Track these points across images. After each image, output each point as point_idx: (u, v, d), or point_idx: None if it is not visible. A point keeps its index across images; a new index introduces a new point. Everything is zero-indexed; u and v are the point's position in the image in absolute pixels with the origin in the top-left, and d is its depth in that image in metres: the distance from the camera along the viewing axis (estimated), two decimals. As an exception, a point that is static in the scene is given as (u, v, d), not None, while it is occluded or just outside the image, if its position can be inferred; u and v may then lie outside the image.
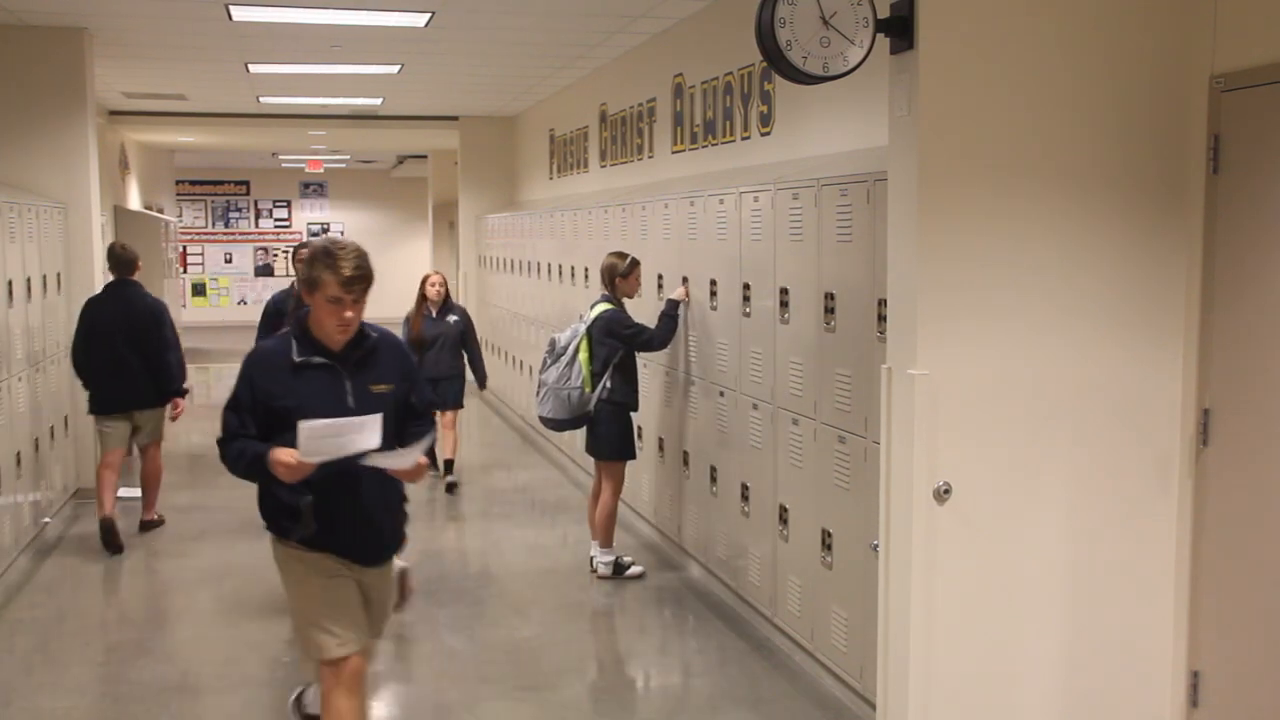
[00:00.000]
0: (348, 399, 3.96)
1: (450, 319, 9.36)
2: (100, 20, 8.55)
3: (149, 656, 5.95)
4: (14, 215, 7.33)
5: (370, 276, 3.94)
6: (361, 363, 4.04)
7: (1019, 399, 4.05)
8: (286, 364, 3.94)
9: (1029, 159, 3.99)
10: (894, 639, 4.10)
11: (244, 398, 3.96)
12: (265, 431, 3.93)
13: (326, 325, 3.93)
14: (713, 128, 7.67)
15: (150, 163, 18.01)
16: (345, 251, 3.87)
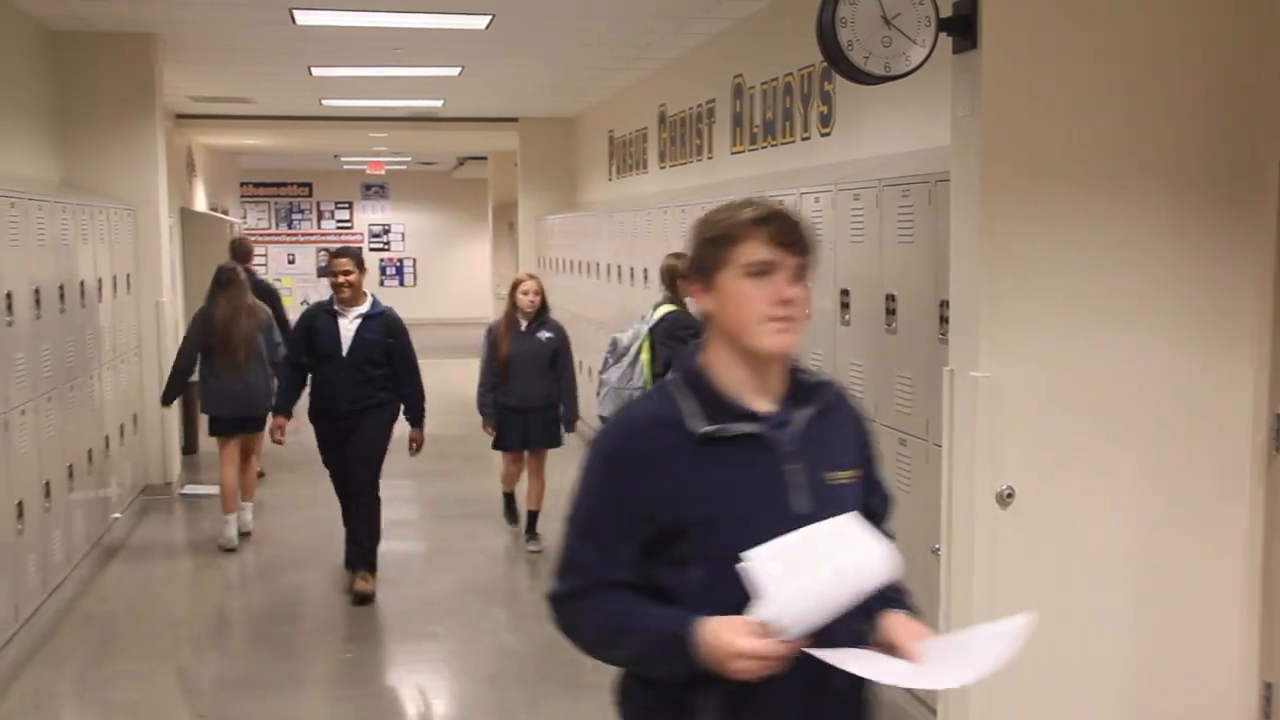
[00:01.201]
0: (797, 498, 2.15)
1: (543, 335, 7.60)
2: (169, 26, 8.70)
3: (214, 652, 6.05)
4: (86, 217, 7.47)
5: (814, 244, 2.21)
6: (808, 426, 2.20)
7: (1084, 402, 4.00)
8: (682, 441, 2.11)
9: (1095, 159, 3.94)
10: (955, 644, 4.06)
11: (607, 512, 2.16)
12: (643, 569, 2.14)
13: (750, 323, 2.13)
14: (772, 128, 7.65)
15: (216, 165, 18.29)
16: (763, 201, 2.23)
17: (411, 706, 5.50)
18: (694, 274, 2.23)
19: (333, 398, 6.73)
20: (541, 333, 7.60)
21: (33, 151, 8.07)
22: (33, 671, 5.66)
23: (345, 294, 6.72)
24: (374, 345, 6.72)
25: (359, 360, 6.68)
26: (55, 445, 6.52)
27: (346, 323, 6.73)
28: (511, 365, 7.52)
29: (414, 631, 6.27)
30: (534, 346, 7.56)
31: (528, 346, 7.54)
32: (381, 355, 6.75)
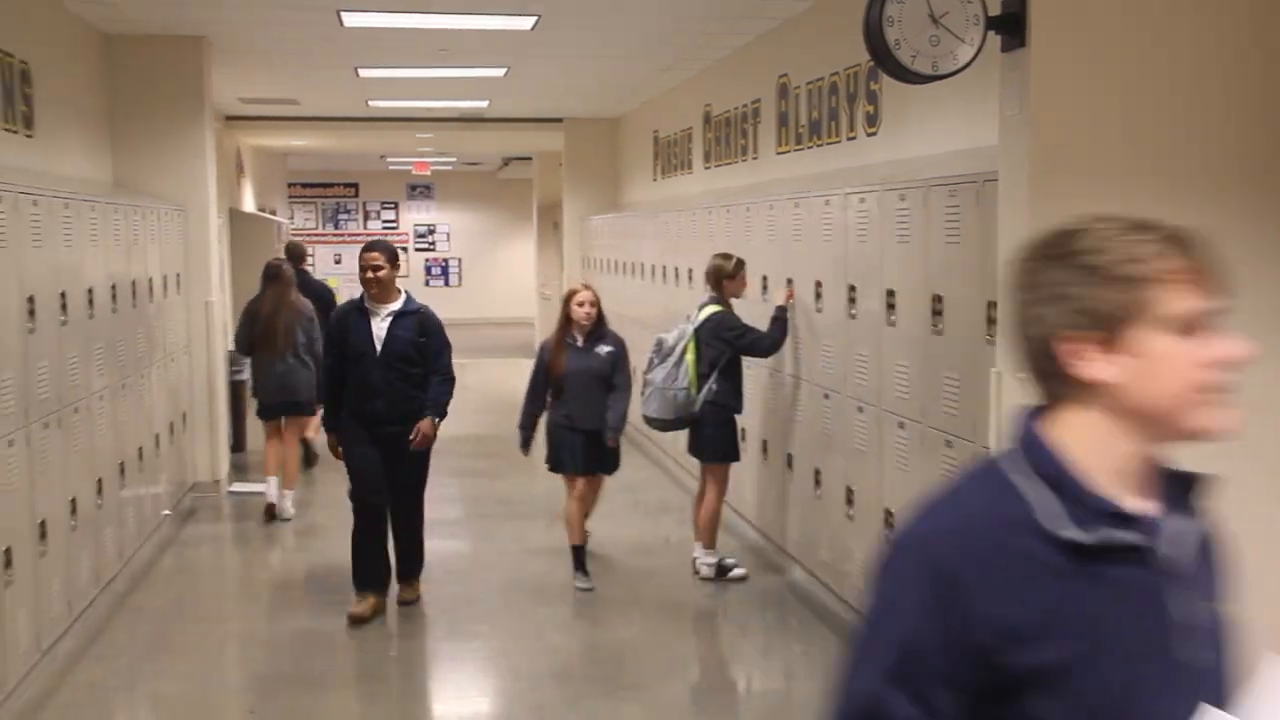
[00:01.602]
0: (1189, 640, 1.57)
1: (601, 350, 6.87)
2: (219, 29, 8.79)
3: (263, 647, 6.11)
4: (138, 218, 7.57)
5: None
6: (1202, 540, 1.65)
7: (1134, 404, 3.95)
8: (1040, 551, 1.52)
9: (1147, 158, 3.90)
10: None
11: (933, 649, 1.52)
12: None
13: (1182, 397, 1.60)
14: (818, 128, 7.62)
15: (264, 166, 18.47)
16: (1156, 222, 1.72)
17: (455, 705, 5.53)
18: (1085, 325, 1.56)
19: (369, 399, 6.33)
20: (600, 347, 6.88)
21: (86, 153, 8.18)
22: (86, 664, 5.74)
23: (374, 290, 6.34)
24: (407, 344, 6.36)
25: (393, 359, 6.32)
26: (107, 443, 6.61)
27: (379, 321, 6.36)
28: (567, 384, 6.82)
29: (458, 630, 6.31)
30: (592, 363, 6.82)
31: (585, 363, 6.82)
32: (417, 354, 6.39)
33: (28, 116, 6.86)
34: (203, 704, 5.41)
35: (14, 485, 5.14)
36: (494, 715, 5.39)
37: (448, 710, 5.48)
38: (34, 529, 5.40)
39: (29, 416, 5.35)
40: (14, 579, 5.11)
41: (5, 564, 5.03)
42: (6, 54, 6.51)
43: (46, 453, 5.56)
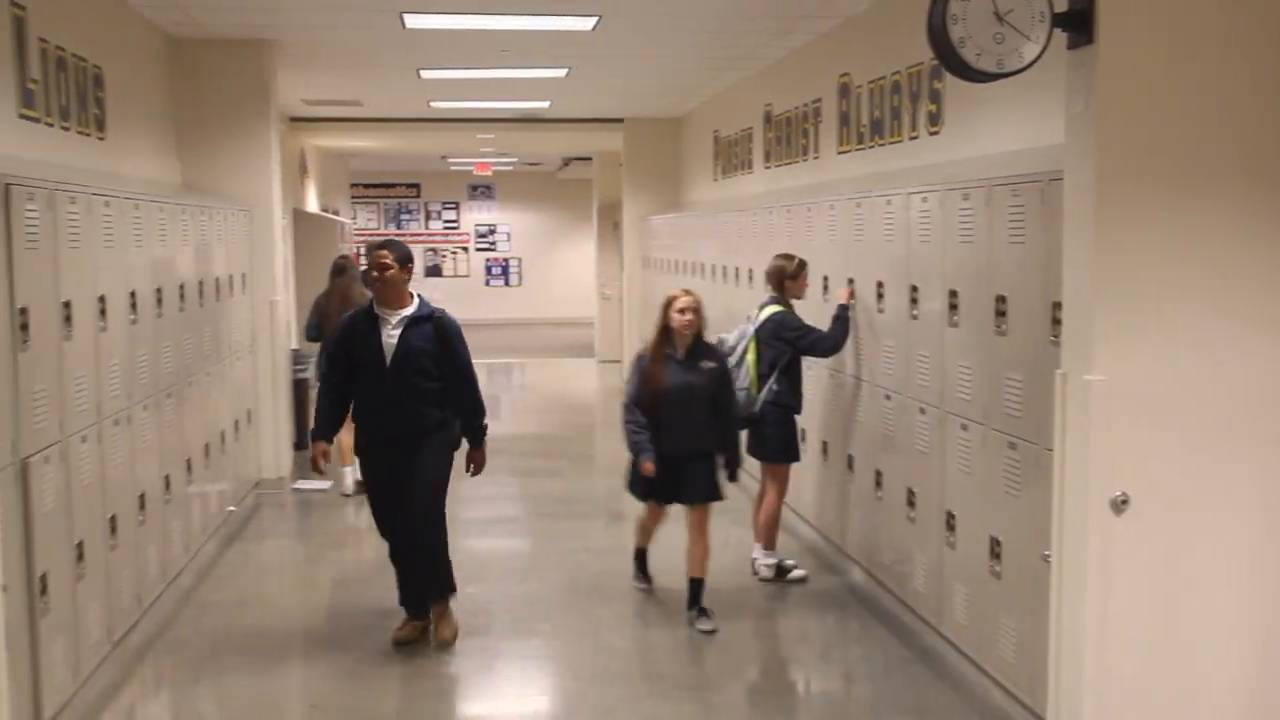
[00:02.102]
0: None
1: (705, 364, 6.21)
2: (284, 32, 8.91)
3: (322, 644, 6.18)
4: (205, 218, 7.69)
5: None
6: None
7: (1204, 406, 3.88)
8: None
9: (1217, 156, 3.83)
10: (1067, 654, 3.98)
11: None
12: None
13: None
14: (880, 127, 7.57)
15: (328, 167, 18.68)
16: None
17: (515, 703, 5.56)
18: None
19: (379, 417, 5.79)
20: (703, 361, 6.20)
21: (155, 155, 8.32)
22: (153, 657, 5.85)
23: (380, 291, 5.78)
24: (421, 354, 5.73)
25: (406, 372, 5.70)
26: (174, 440, 6.72)
27: (389, 329, 5.75)
28: (665, 402, 6.12)
29: (519, 628, 6.33)
30: (694, 379, 6.14)
31: (686, 378, 6.13)
32: (433, 366, 5.76)
33: (100, 120, 7.00)
34: (267, 698, 5.48)
35: (86, 480, 5.24)
36: (553, 714, 5.41)
37: (508, 708, 5.51)
38: (105, 524, 5.50)
39: (101, 414, 5.45)
40: (86, 572, 5.21)
41: (78, 557, 5.14)
42: (80, 59, 6.64)
43: (116, 449, 5.66)
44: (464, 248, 26.83)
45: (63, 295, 5.08)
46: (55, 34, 6.23)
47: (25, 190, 4.69)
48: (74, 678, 5.08)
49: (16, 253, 4.57)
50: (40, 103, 6.03)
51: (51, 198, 4.98)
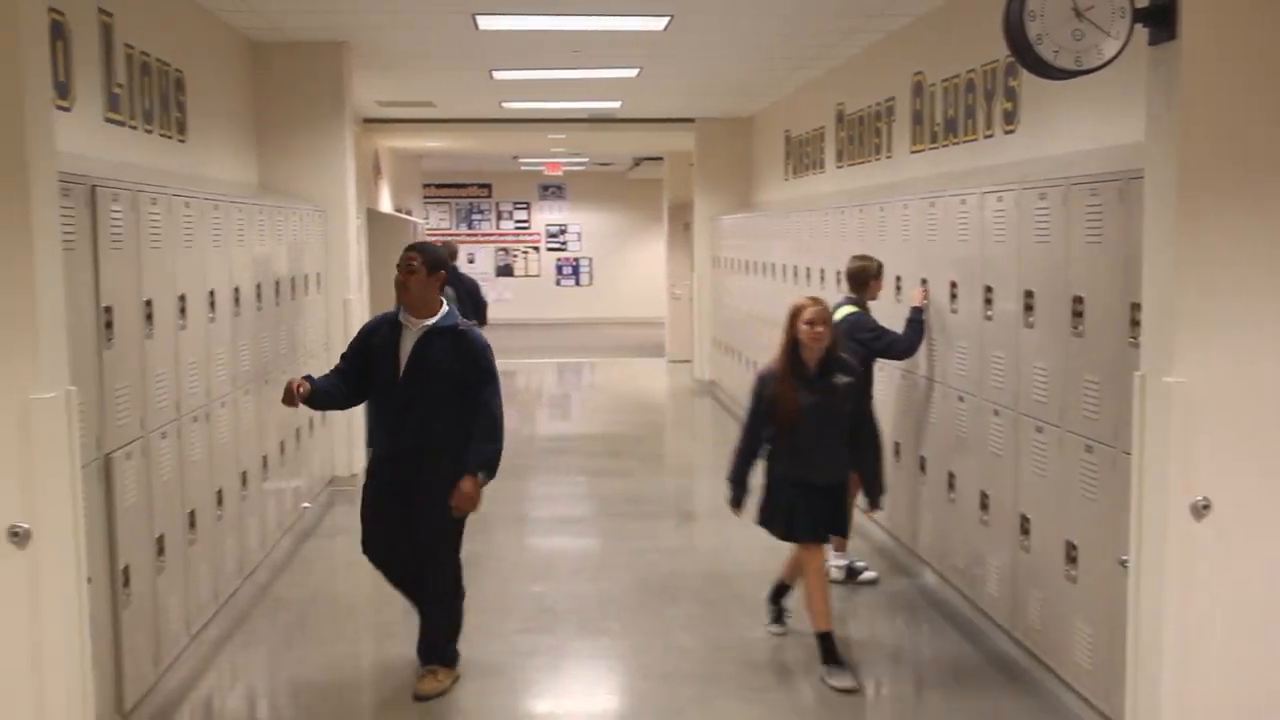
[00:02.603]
0: None
1: (839, 380, 5.58)
2: (359, 34, 9.02)
3: (393, 639, 6.24)
4: (281, 219, 7.81)
5: None
6: None
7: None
8: None
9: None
10: (1144, 661, 3.91)
11: None
12: None
13: None
14: (954, 126, 7.48)
15: (400, 167, 18.88)
16: None
17: (584, 702, 5.58)
18: None
19: (388, 432, 5.30)
20: (838, 376, 5.58)
21: (234, 156, 8.47)
22: (230, 650, 5.95)
23: (403, 296, 5.27)
24: (438, 368, 5.19)
25: (420, 386, 5.20)
26: (251, 436, 6.83)
27: (409, 336, 5.26)
28: (800, 425, 5.52)
29: (588, 627, 6.36)
30: (828, 398, 5.54)
31: (820, 398, 5.52)
32: (451, 383, 5.21)
33: (181, 122, 7.13)
34: (339, 692, 5.55)
35: (166, 475, 5.35)
36: (622, 714, 5.42)
37: (576, 707, 5.53)
38: (184, 518, 5.61)
39: (180, 411, 5.56)
40: (165, 566, 5.32)
41: (158, 551, 5.24)
42: (163, 63, 6.78)
43: (195, 446, 5.77)
44: (535, 247, 26.99)
45: (144, 294, 5.18)
46: (140, 39, 6.37)
47: (110, 192, 4.80)
48: (154, 668, 5.19)
49: (102, 252, 4.68)
50: (125, 106, 6.17)
51: (135, 199, 5.09)
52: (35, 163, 3.53)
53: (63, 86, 5.31)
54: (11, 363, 3.55)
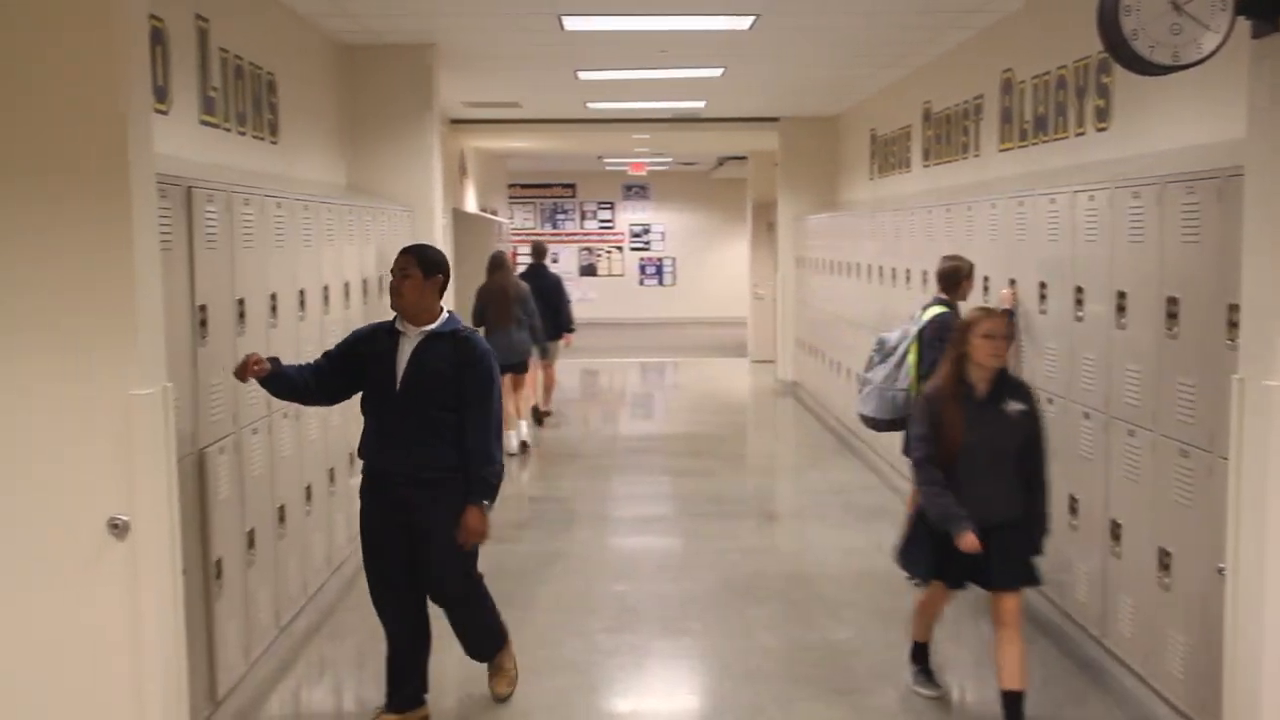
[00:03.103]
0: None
1: (1012, 407, 4.83)
2: (447, 36, 9.11)
3: (480, 635, 6.30)
4: (369, 218, 7.92)
5: None
6: None
7: (1395, 416, 3.67)
8: None
9: None
10: (1242, 673, 3.82)
11: None
12: None
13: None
14: (1044, 124, 7.36)
15: (486, 167, 19.04)
16: None
17: (665, 701, 5.58)
18: None
19: (383, 448, 4.88)
20: (1010, 403, 4.84)
21: (323, 157, 8.61)
22: (318, 642, 6.05)
23: (396, 301, 4.86)
24: (436, 377, 4.79)
25: (418, 397, 4.79)
26: (339, 433, 6.94)
27: (406, 344, 4.86)
28: (965, 458, 4.78)
29: (670, 626, 6.36)
30: (1000, 427, 4.80)
31: (991, 427, 4.78)
32: (450, 394, 4.81)
33: (273, 124, 7.27)
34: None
35: (257, 471, 5.46)
36: (704, 713, 5.41)
37: (658, 706, 5.53)
38: (274, 513, 5.72)
39: (271, 407, 5.66)
40: (256, 559, 5.43)
41: (249, 545, 5.35)
42: (255, 66, 6.91)
43: (284, 442, 5.88)
44: (618, 247, 27.07)
45: (237, 293, 5.29)
46: (234, 43, 6.50)
47: (205, 193, 4.91)
48: (245, 659, 5.29)
49: (197, 252, 4.79)
50: (219, 109, 6.30)
51: (228, 199, 5.20)
52: (135, 166, 3.63)
53: (161, 90, 5.44)
54: (112, 359, 3.65)
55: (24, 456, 3.66)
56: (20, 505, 3.67)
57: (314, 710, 5.47)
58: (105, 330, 3.63)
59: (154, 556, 3.71)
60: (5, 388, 3.64)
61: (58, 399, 3.65)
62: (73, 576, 3.69)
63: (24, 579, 3.69)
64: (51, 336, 3.64)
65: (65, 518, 3.67)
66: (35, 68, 3.55)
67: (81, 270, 3.62)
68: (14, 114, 3.57)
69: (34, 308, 3.63)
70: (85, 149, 3.58)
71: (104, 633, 3.71)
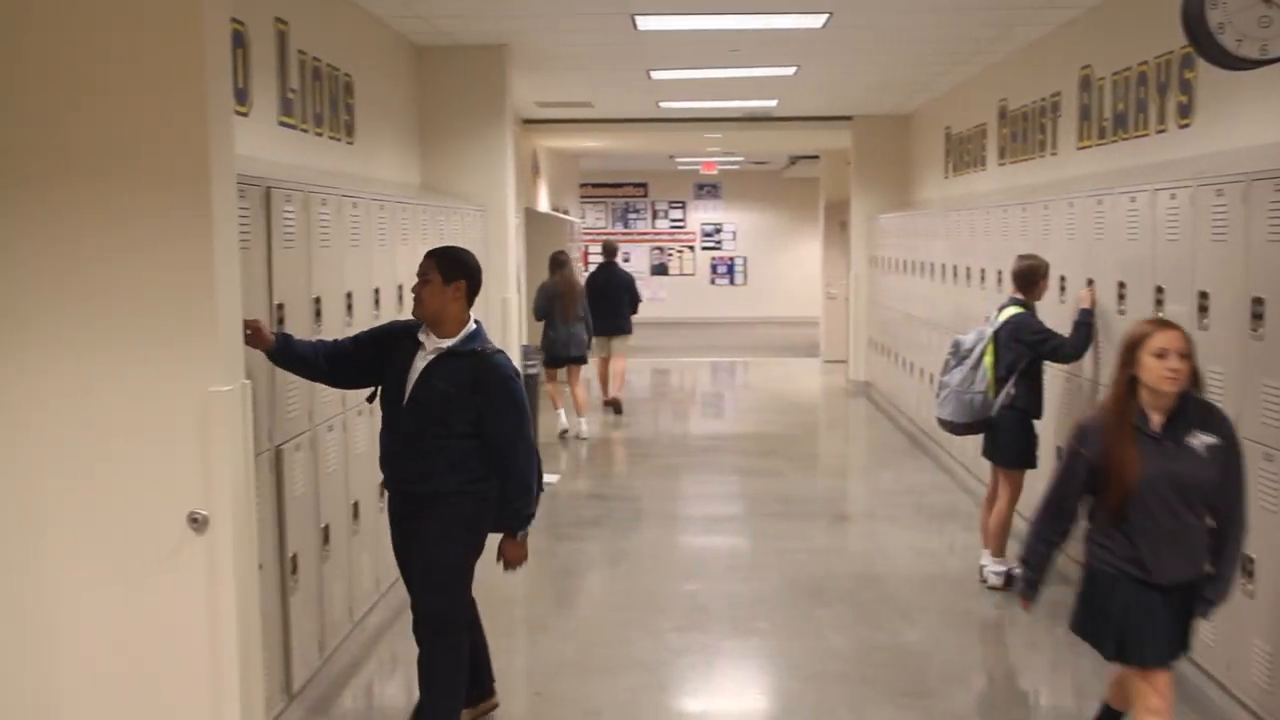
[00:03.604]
0: None
1: (1198, 442, 3.94)
2: (520, 37, 9.17)
3: (546, 633, 6.34)
4: (443, 218, 7.99)
5: None
6: None
7: None
8: None
9: None
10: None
11: None
12: None
13: None
14: (1123, 121, 7.23)
15: (558, 167, 19.13)
16: None
17: (734, 701, 5.57)
18: None
19: (390, 462, 4.67)
20: (1196, 437, 3.94)
21: (398, 157, 8.70)
22: (390, 638, 6.12)
23: (418, 310, 4.57)
24: (444, 402, 4.46)
25: (421, 418, 4.48)
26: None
27: (422, 356, 4.54)
28: (1139, 501, 3.92)
29: (739, 627, 6.35)
30: (1182, 466, 3.91)
31: (1171, 465, 3.91)
32: (459, 417, 4.46)
33: (349, 125, 7.37)
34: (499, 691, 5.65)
35: (331, 467, 5.53)
36: (773, 714, 5.39)
37: (727, 706, 5.52)
38: (348, 509, 5.79)
39: (345, 405, 5.74)
40: (330, 554, 5.50)
41: (324, 540, 5.43)
42: (333, 68, 7.01)
43: (358, 439, 5.95)
44: (690, 246, 27.05)
45: (314, 291, 5.37)
46: (312, 46, 6.60)
47: (283, 193, 4.98)
48: (319, 653, 5.37)
49: (275, 251, 4.86)
50: (297, 110, 6.39)
51: (306, 199, 5.27)
52: (217, 168, 3.69)
53: (241, 93, 5.53)
54: (193, 357, 3.71)
55: (109, 452, 3.74)
56: (105, 499, 3.75)
57: (386, 705, 5.53)
58: (186, 328, 3.70)
59: (231, 551, 3.77)
60: (91, 385, 3.72)
61: (141, 396, 3.73)
62: (154, 569, 3.77)
63: (108, 571, 3.77)
64: (134, 335, 3.71)
65: (147, 512, 3.75)
66: (122, 72, 3.63)
67: (163, 270, 3.69)
68: (99, 117, 3.65)
69: (118, 307, 3.71)
70: (168, 152, 3.65)
71: (183, 625, 3.78)
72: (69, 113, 3.65)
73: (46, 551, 3.77)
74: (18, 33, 3.63)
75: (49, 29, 3.63)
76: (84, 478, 3.75)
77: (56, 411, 3.73)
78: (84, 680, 3.81)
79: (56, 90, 3.65)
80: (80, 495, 3.75)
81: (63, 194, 3.67)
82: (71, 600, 3.79)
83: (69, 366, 3.72)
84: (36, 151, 3.67)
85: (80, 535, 3.76)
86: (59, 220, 3.68)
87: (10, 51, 3.64)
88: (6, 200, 3.66)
